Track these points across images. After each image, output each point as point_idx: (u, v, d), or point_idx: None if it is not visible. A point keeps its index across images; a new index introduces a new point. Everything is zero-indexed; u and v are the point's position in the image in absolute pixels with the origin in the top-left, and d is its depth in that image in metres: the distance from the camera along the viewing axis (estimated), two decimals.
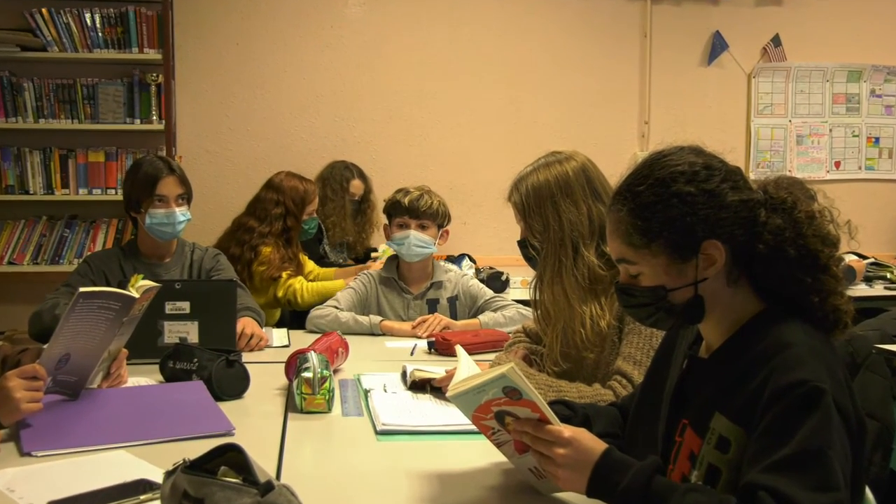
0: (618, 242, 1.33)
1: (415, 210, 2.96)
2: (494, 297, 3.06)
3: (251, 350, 2.58)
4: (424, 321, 2.85)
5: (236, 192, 4.52)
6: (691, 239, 1.27)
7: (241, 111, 4.67)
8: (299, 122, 4.72)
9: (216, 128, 4.66)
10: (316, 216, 3.83)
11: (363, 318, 2.89)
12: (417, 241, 2.96)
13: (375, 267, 3.35)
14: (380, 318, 2.90)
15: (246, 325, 2.61)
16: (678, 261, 1.28)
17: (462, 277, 3.12)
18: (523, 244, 2.00)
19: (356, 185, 4.39)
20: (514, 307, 2.96)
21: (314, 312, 2.95)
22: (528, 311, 2.94)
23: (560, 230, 1.91)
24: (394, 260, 3.09)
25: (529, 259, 1.99)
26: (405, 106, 4.81)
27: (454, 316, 2.98)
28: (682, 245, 1.27)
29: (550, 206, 1.92)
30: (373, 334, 2.87)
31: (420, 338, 2.78)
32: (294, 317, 3.74)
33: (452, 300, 3.05)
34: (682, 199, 1.27)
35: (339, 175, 4.34)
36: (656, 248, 1.29)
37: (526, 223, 1.97)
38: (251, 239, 3.58)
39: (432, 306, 3.01)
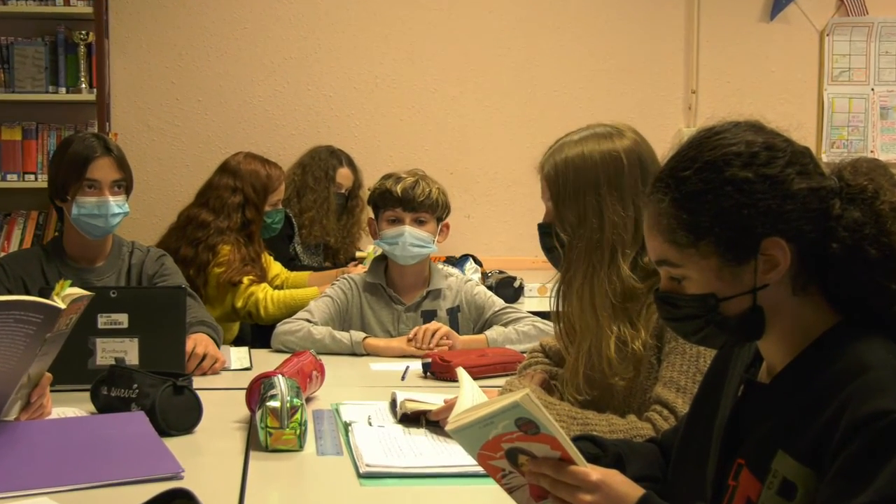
0: (658, 240, 1.34)
1: (410, 201, 2.96)
2: (505, 307, 3.07)
3: (204, 374, 2.59)
4: (423, 331, 2.84)
5: (185, 180, 4.53)
6: (749, 236, 1.27)
7: (191, 78, 4.68)
8: (263, 91, 4.73)
9: (160, 98, 4.67)
10: (282, 208, 3.84)
11: (342, 335, 2.89)
12: (414, 239, 2.97)
13: (358, 271, 3.36)
14: (363, 335, 2.91)
15: (198, 342, 2.61)
16: (732, 263, 1.29)
17: (465, 284, 3.13)
18: (546, 230, 1.97)
19: (344, 175, 4.39)
20: (528, 320, 2.97)
21: (282, 327, 2.96)
22: (547, 326, 2.94)
23: (599, 231, 1.89)
24: (381, 261, 3.10)
25: (549, 250, 1.97)
26: (394, 71, 4.81)
27: (455, 331, 2.98)
28: (738, 244, 1.28)
29: (593, 198, 1.89)
30: (354, 354, 2.88)
31: (416, 354, 2.78)
32: (257, 333, 3.75)
33: (453, 311, 3.06)
34: (737, 188, 1.27)
35: (323, 161, 4.35)
36: (705, 248, 1.29)
37: (557, 209, 1.94)
38: (206, 236, 3.59)
39: (428, 319, 3.01)
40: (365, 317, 3.04)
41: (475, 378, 1.70)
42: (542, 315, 3.07)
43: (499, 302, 3.10)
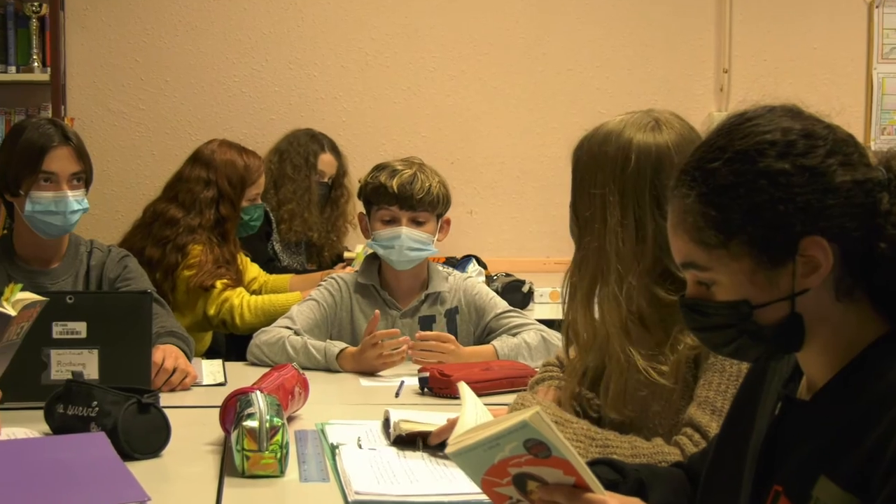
0: (683, 240, 1.34)
1: (407, 198, 2.96)
2: (507, 311, 3.07)
3: (173, 389, 2.59)
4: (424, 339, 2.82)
5: (151, 171, 4.53)
6: (785, 235, 1.28)
7: (158, 55, 4.68)
8: (239, 70, 4.73)
9: (123, 79, 4.67)
10: (261, 203, 3.84)
11: (317, 347, 2.87)
12: (412, 242, 2.96)
13: (348, 272, 3.36)
14: (339, 347, 2.87)
15: (166, 354, 2.62)
16: (767, 266, 1.29)
17: (464, 282, 3.13)
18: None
19: (326, 162, 4.40)
20: (535, 329, 2.97)
21: (258, 337, 2.96)
22: (559, 340, 2.93)
23: (601, 236, 1.88)
24: (374, 260, 3.10)
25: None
26: (387, 47, 4.81)
27: (454, 335, 2.95)
28: (773, 244, 1.28)
29: (598, 197, 1.89)
30: (330, 371, 2.86)
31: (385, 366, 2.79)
32: (232, 343, 3.75)
33: (451, 313, 3.06)
34: (772, 181, 1.27)
35: (302, 147, 4.35)
36: (737, 249, 1.30)
37: (573, 193, 1.95)
38: (175, 235, 3.59)
39: (426, 326, 3.02)
40: (356, 322, 3.04)
41: (479, 394, 1.71)
42: (553, 324, 3.08)
43: (501, 304, 3.10)
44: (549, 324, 3.07)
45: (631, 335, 1.88)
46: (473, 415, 1.57)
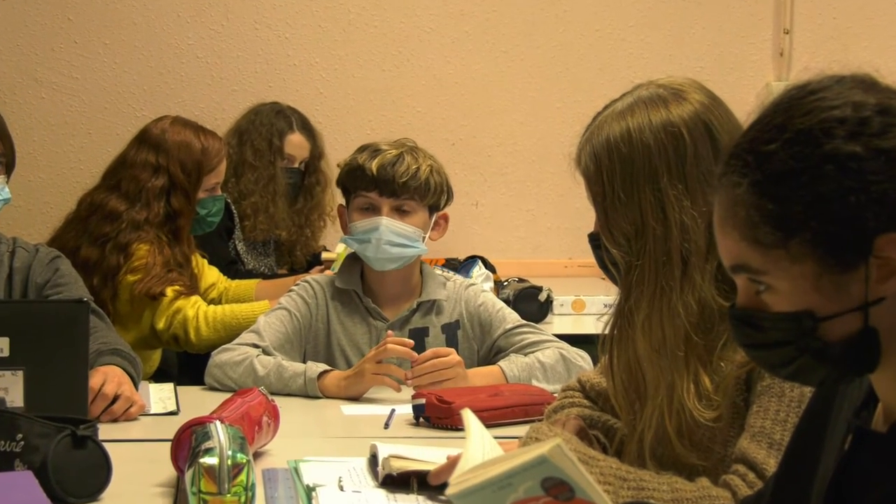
0: (734, 238, 1.35)
1: (388, 181, 2.97)
2: (519, 326, 3.07)
3: (115, 420, 2.60)
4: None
5: (88, 154, 4.53)
6: (857, 232, 1.28)
7: (96, 13, 4.68)
8: (195, 32, 4.73)
9: (52, 42, 4.67)
10: (222, 194, 3.85)
11: (294, 369, 2.87)
12: (393, 235, 2.97)
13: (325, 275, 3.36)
14: (320, 370, 2.88)
15: (107, 377, 2.62)
16: (835, 269, 1.30)
17: (466, 290, 3.14)
18: (597, 241, 1.99)
19: (295, 144, 4.40)
20: (554, 347, 2.97)
21: (218, 356, 2.96)
22: (581, 358, 2.93)
23: (664, 238, 1.89)
24: (356, 261, 3.11)
25: (607, 267, 1.98)
26: (374, 4, 4.82)
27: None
28: (842, 243, 1.29)
29: (651, 195, 1.89)
30: (310, 397, 2.87)
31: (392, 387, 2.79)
32: (186, 363, 3.76)
33: (451, 328, 3.07)
34: (841, 166, 1.28)
35: (265, 127, 4.35)
36: (798, 249, 1.30)
37: (605, 216, 1.94)
38: (117, 232, 3.60)
39: (419, 339, 3.01)
40: (332, 334, 3.04)
41: (487, 425, 1.72)
42: (576, 340, 3.08)
43: (511, 317, 3.10)
44: (571, 340, 3.07)
45: (695, 346, 1.89)
46: (480, 449, 1.58)
